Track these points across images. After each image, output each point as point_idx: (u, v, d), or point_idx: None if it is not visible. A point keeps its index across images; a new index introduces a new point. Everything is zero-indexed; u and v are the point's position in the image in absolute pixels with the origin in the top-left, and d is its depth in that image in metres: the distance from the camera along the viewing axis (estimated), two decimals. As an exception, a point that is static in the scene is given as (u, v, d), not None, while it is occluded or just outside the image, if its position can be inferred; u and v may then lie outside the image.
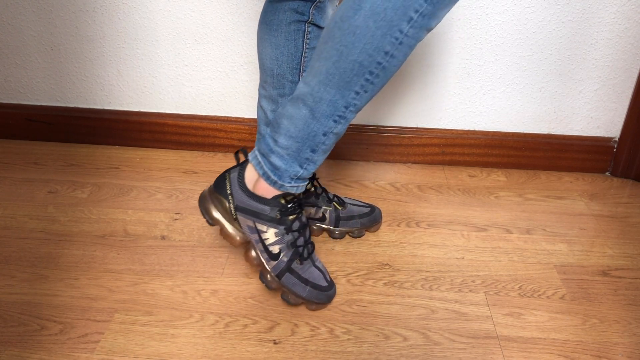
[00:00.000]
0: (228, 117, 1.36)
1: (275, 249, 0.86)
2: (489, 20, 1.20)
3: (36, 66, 1.33)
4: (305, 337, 0.85)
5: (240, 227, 0.87)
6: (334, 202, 1.06)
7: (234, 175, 0.87)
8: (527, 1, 1.18)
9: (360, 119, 1.34)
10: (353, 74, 0.72)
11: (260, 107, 0.98)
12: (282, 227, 0.85)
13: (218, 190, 0.88)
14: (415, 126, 1.34)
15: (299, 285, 0.87)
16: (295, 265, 0.88)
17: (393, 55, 0.70)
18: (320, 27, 0.92)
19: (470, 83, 1.27)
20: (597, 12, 1.18)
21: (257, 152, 0.84)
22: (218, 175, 1.28)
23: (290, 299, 0.88)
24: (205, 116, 1.36)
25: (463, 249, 1.06)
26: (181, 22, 1.25)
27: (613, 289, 0.97)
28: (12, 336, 0.83)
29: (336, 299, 0.92)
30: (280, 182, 0.82)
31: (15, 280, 0.94)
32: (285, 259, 0.87)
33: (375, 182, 1.28)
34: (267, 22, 0.90)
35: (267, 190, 0.84)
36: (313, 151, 0.80)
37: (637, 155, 1.30)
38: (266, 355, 0.81)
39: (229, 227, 0.88)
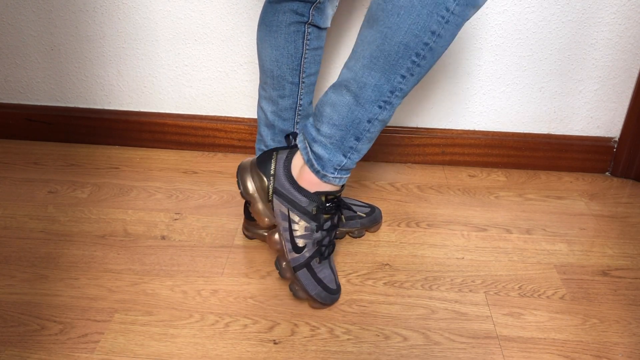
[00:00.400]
0: (228, 117, 1.36)
1: (300, 243, 0.85)
2: (489, 20, 1.20)
3: (36, 66, 1.33)
4: (305, 337, 0.85)
5: (273, 210, 0.86)
6: None
7: (282, 156, 0.85)
8: (527, 1, 1.18)
9: (360, 119, 1.34)
10: (399, 57, 0.69)
11: (260, 108, 0.97)
12: (314, 223, 0.84)
13: (261, 167, 0.86)
14: (415, 126, 1.34)
15: (311, 282, 0.87)
16: (314, 263, 0.87)
17: (440, 35, 0.67)
18: (320, 28, 0.92)
19: (470, 83, 1.27)
20: (597, 12, 1.18)
21: (304, 136, 0.82)
22: (219, 175, 1.28)
23: (299, 293, 0.88)
24: (205, 116, 1.36)
25: (463, 249, 1.06)
26: (181, 22, 1.25)
27: (613, 289, 0.97)
28: (12, 336, 0.83)
29: (336, 299, 0.92)
30: (323, 172, 0.80)
31: (15, 280, 0.94)
32: (307, 255, 0.86)
33: (375, 182, 1.28)
34: (266, 23, 0.90)
35: (311, 183, 0.82)
36: (357, 139, 0.77)
37: (637, 155, 1.30)
38: (266, 355, 0.81)
39: (261, 207, 0.86)
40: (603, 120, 1.31)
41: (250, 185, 0.86)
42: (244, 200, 1.18)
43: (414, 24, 0.67)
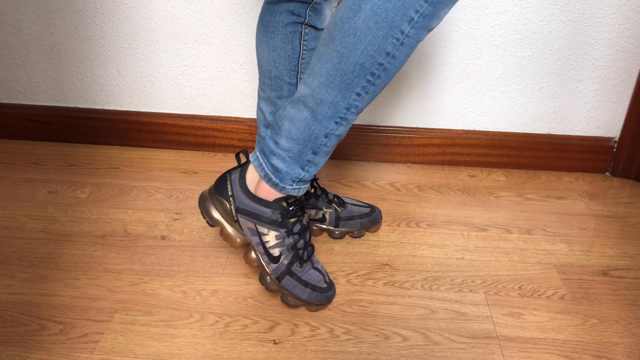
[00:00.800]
0: (228, 117, 1.36)
1: (275, 252, 0.86)
2: (489, 20, 1.20)
3: (36, 66, 1.33)
4: (305, 337, 0.85)
5: (241, 228, 0.87)
6: (334, 203, 1.06)
7: (235, 176, 0.86)
8: (527, 1, 1.18)
9: (360, 119, 1.34)
10: (354, 76, 0.72)
11: (259, 108, 0.98)
12: (283, 230, 0.85)
13: (219, 191, 0.87)
14: (415, 126, 1.34)
15: (298, 287, 0.87)
16: (295, 267, 0.87)
17: (394, 56, 0.70)
18: (317, 29, 0.92)
19: (470, 83, 1.27)
20: (597, 12, 1.18)
21: (258, 154, 0.84)
22: (218, 175, 1.28)
23: (290, 301, 0.88)
24: (205, 116, 1.36)
25: (463, 249, 1.06)
26: (181, 22, 1.25)
27: (613, 289, 0.97)
28: (12, 336, 0.83)
29: (336, 299, 0.92)
30: (281, 185, 0.82)
31: (15, 280, 0.94)
32: (286, 262, 0.86)
33: (375, 182, 1.28)
34: (264, 24, 0.90)
35: (269, 193, 0.83)
36: (314, 153, 0.80)
37: (637, 155, 1.30)
38: (266, 355, 0.81)
39: (230, 229, 0.87)
40: (603, 120, 1.31)
41: (214, 213, 0.87)
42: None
43: (369, 45, 0.69)
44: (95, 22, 1.26)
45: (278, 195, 0.84)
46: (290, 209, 0.85)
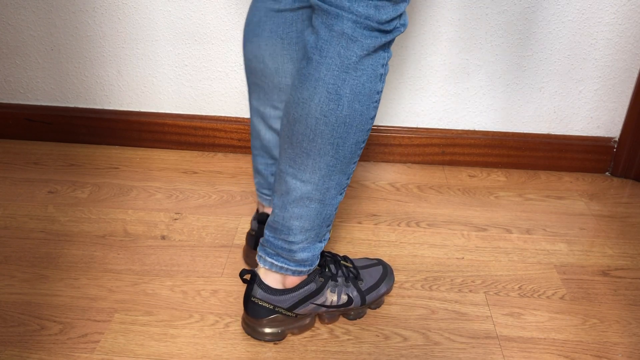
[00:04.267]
0: (228, 117, 1.36)
1: (344, 299, 0.85)
2: (489, 20, 1.20)
3: (36, 66, 1.33)
4: (305, 337, 0.85)
5: (307, 315, 0.85)
6: None
7: (259, 292, 0.81)
8: (527, 1, 1.18)
9: (360, 119, 1.33)
10: (352, 153, 0.72)
11: (255, 125, 0.90)
12: (331, 281, 0.84)
13: (259, 316, 0.82)
14: (415, 126, 1.34)
15: (377, 289, 0.89)
16: (362, 284, 0.87)
17: (375, 115, 0.71)
18: None
19: (470, 83, 1.27)
20: (597, 12, 1.18)
21: (273, 261, 0.80)
22: (218, 174, 1.28)
23: (380, 304, 0.89)
24: (205, 116, 1.36)
25: (463, 249, 1.06)
26: (181, 22, 1.25)
27: (613, 289, 0.97)
28: (12, 336, 0.83)
29: (336, 299, 0.92)
30: (312, 267, 0.81)
31: (15, 280, 0.94)
32: (356, 292, 0.86)
33: (375, 182, 1.28)
34: (281, 37, 0.82)
35: (301, 277, 0.82)
36: (328, 226, 0.79)
37: (637, 155, 1.30)
38: (266, 356, 0.81)
39: (299, 324, 0.85)
40: (603, 120, 1.31)
41: (276, 330, 0.83)
42: (244, 201, 1.18)
43: (360, 123, 0.69)
44: (95, 22, 1.26)
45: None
46: (320, 261, 0.83)
